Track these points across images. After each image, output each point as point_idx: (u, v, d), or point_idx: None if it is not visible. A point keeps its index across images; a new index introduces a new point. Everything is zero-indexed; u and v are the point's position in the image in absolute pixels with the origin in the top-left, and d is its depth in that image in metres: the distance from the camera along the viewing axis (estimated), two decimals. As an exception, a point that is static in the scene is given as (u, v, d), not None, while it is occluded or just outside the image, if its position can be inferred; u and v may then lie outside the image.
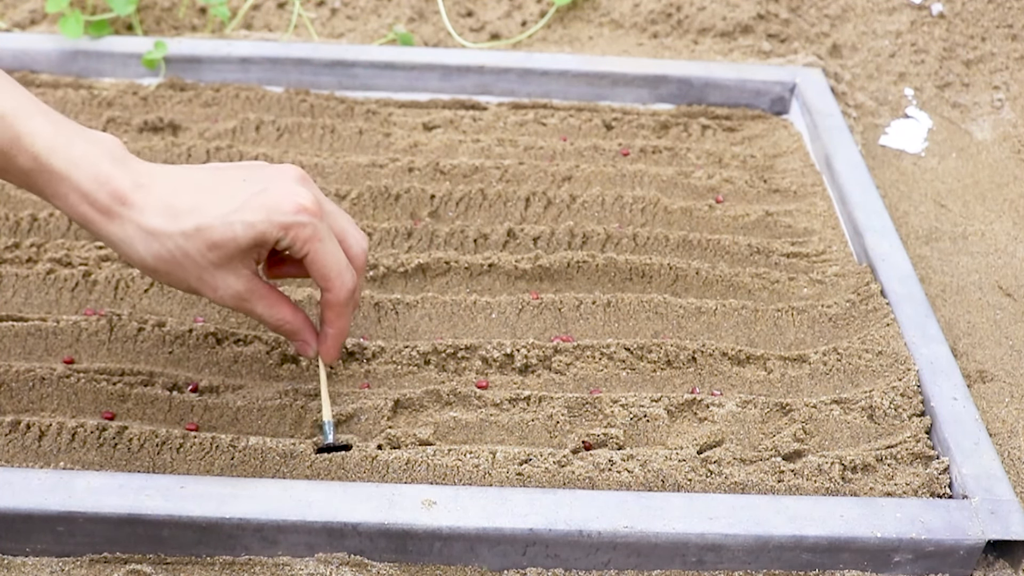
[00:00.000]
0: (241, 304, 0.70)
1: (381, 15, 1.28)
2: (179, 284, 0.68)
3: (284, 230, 0.67)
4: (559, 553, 0.71)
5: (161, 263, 0.67)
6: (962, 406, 0.80)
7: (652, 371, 0.83)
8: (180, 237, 0.66)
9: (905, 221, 1.07)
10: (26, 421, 0.74)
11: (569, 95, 1.16)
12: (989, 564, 0.73)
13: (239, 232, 0.66)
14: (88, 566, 0.70)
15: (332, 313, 0.72)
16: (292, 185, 0.69)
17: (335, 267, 0.70)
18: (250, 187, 0.68)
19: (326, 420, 0.74)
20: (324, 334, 0.73)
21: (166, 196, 0.66)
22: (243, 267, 0.68)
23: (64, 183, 0.65)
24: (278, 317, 0.72)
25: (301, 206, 0.67)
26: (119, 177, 0.66)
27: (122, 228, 0.66)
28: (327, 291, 0.71)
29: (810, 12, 1.31)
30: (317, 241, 0.68)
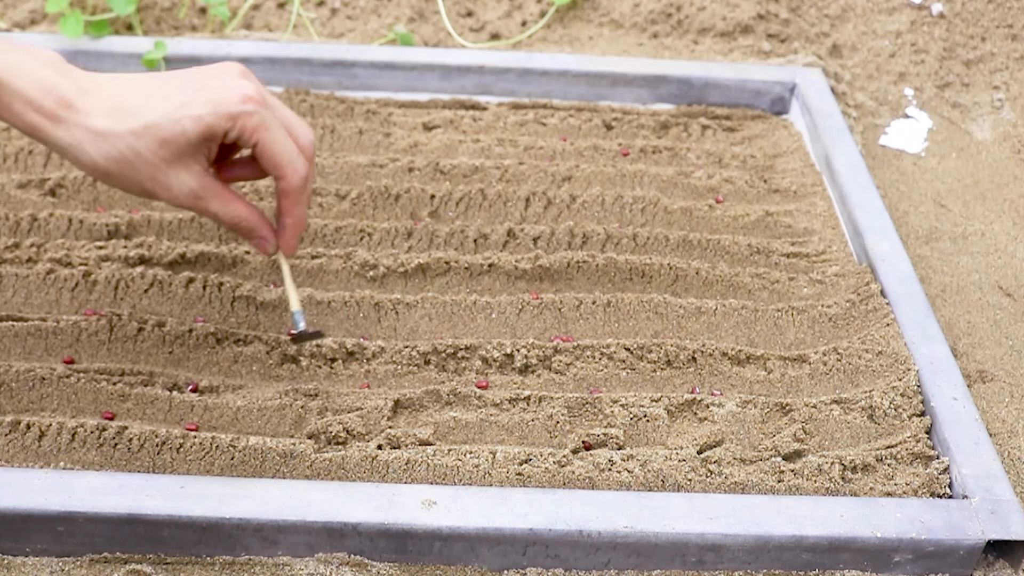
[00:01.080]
0: (196, 203, 0.70)
1: (381, 15, 1.28)
2: (132, 186, 0.69)
3: (232, 120, 0.68)
4: (559, 553, 0.71)
5: (113, 164, 0.68)
6: (962, 406, 0.80)
7: (652, 371, 0.83)
8: (130, 136, 0.67)
9: (905, 221, 1.07)
10: (26, 421, 0.74)
11: (569, 95, 1.16)
12: (989, 564, 0.73)
13: (188, 126, 0.67)
14: (88, 566, 0.70)
15: (288, 201, 0.72)
16: (235, 79, 0.70)
17: (285, 154, 0.70)
18: (193, 84, 0.69)
19: (295, 309, 0.75)
20: (283, 225, 0.74)
21: (111, 99, 0.68)
22: (195, 163, 0.69)
23: (6, 91, 0.66)
24: (233, 214, 0.72)
25: (246, 96, 0.68)
26: (63, 84, 0.67)
27: (69, 132, 0.67)
28: (281, 179, 0.71)
29: (810, 12, 1.31)
30: (265, 130, 0.69)
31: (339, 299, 0.86)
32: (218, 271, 0.89)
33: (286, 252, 0.76)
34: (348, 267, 0.90)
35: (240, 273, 0.89)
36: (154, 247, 0.89)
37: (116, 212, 0.93)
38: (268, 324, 0.85)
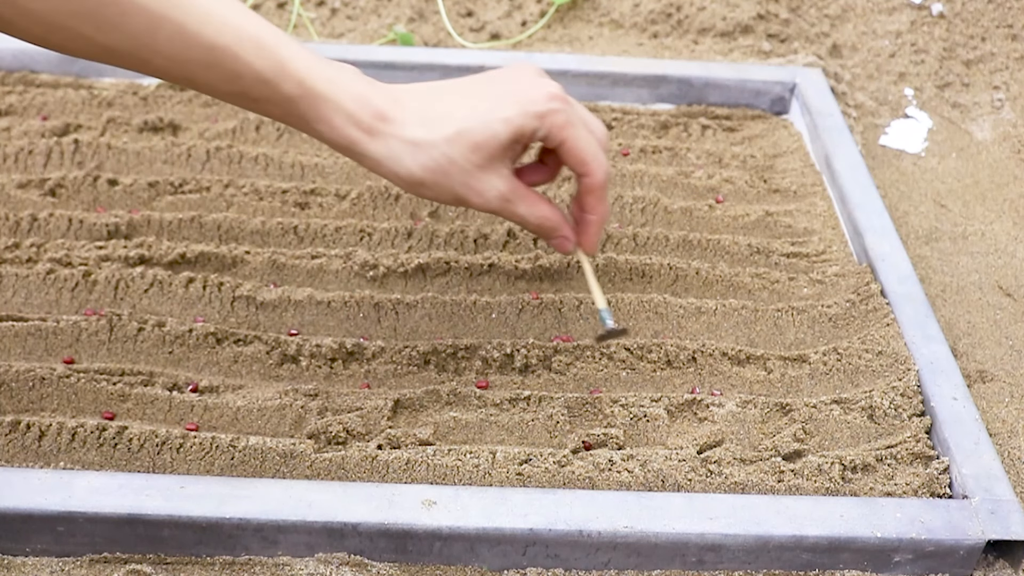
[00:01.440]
0: (505, 206, 0.70)
1: (381, 15, 1.28)
2: (444, 194, 0.69)
3: (540, 119, 0.68)
4: (559, 553, 0.71)
5: (428, 173, 0.67)
6: (962, 406, 0.80)
7: (652, 371, 0.83)
8: (444, 144, 0.67)
9: (905, 221, 1.07)
10: (26, 421, 0.74)
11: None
12: (989, 564, 0.73)
13: (499, 129, 0.67)
14: (88, 566, 0.70)
15: (593, 198, 0.72)
16: (536, 78, 0.70)
17: (590, 150, 0.70)
18: (495, 87, 0.69)
19: (601, 307, 0.75)
20: (586, 222, 0.73)
21: (422, 108, 0.68)
22: (503, 167, 0.69)
23: (328, 105, 0.66)
24: (539, 214, 0.72)
25: (551, 94, 0.69)
26: (377, 95, 0.67)
27: (386, 144, 0.67)
28: (586, 175, 0.71)
29: (810, 12, 1.31)
30: (571, 127, 0.69)
31: (339, 299, 0.86)
32: (218, 271, 0.89)
33: (588, 250, 0.75)
34: (348, 267, 0.90)
35: (240, 273, 0.89)
36: (154, 247, 0.89)
37: (116, 212, 0.93)
38: (268, 324, 0.85)
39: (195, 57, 0.63)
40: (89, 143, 1.01)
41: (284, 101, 0.66)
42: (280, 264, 0.90)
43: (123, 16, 0.61)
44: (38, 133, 1.03)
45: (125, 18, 0.61)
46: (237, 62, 0.64)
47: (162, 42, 0.62)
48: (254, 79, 0.64)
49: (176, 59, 0.63)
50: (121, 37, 0.62)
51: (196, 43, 0.63)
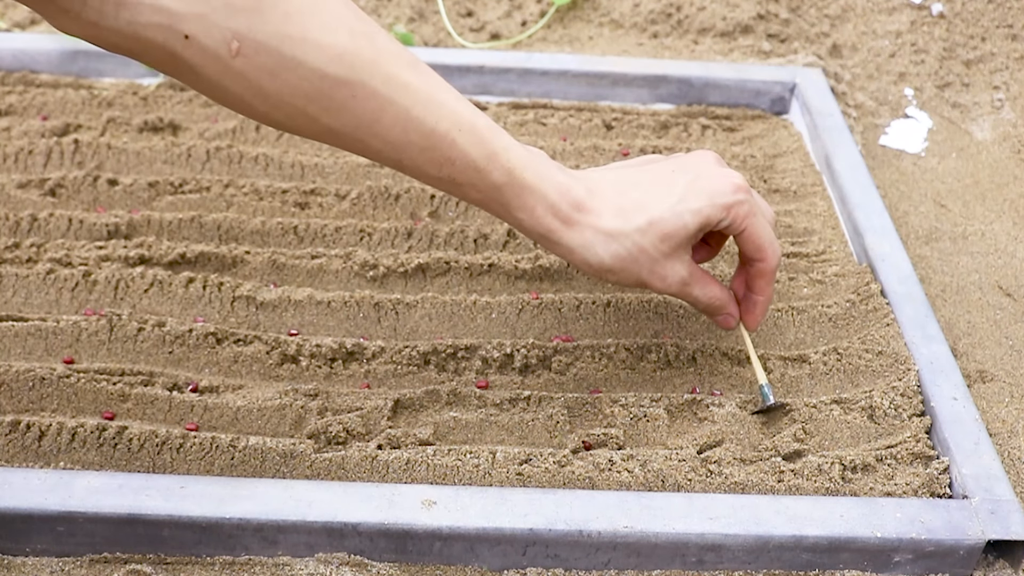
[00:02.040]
0: (684, 289, 0.73)
1: (381, 15, 1.28)
2: (629, 279, 0.72)
3: (726, 211, 0.71)
4: (559, 553, 0.71)
5: (618, 261, 0.70)
6: (962, 406, 0.80)
7: (652, 371, 0.83)
8: (636, 234, 0.70)
9: (905, 221, 1.07)
10: (26, 421, 0.74)
11: (569, 95, 1.16)
12: (989, 564, 0.73)
13: (688, 220, 0.70)
14: (88, 566, 0.70)
15: (763, 281, 0.76)
16: (719, 168, 0.73)
17: (767, 238, 0.73)
18: (683, 176, 0.72)
19: (763, 383, 0.78)
20: (753, 302, 0.77)
21: (615, 198, 0.71)
22: (685, 254, 0.73)
23: (533, 195, 0.68)
24: (711, 295, 0.75)
25: (737, 186, 0.72)
26: (575, 186, 0.70)
27: (581, 234, 0.70)
28: (760, 261, 0.74)
29: (810, 12, 1.31)
30: (752, 216, 0.72)
31: (339, 299, 0.86)
32: (218, 271, 0.89)
33: (751, 327, 0.78)
34: (348, 267, 0.90)
35: (240, 273, 0.89)
36: (154, 247, 0.89)
37: (116, 212, 0.93)
38: (268, 324, 0.85)
39: (413, 141, 0.65)
40: (89, 143, 1.01)
41: (490, 188, 0.68)
42: (280, 264, 0.90)
43: (352, 99, 0.63)
44: (38, 133, 1.03)
45: (354, 101, 0.63)
46: (453, 148, 0.66)
47: (384, 126, 0.64)
48: (465, 165, 0.66)
49: (394, 143, 0.65)
50: (347, 118, 0.64)
51: (416, 128, 0.65)
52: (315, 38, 0.61)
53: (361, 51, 0.62)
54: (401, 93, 0.64)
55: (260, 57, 0.61)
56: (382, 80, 0.63)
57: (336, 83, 0.62)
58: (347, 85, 0.62)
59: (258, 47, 0.60)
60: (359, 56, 0.62)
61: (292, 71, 0.61)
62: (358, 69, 0.62)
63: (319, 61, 0.61)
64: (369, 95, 0.63)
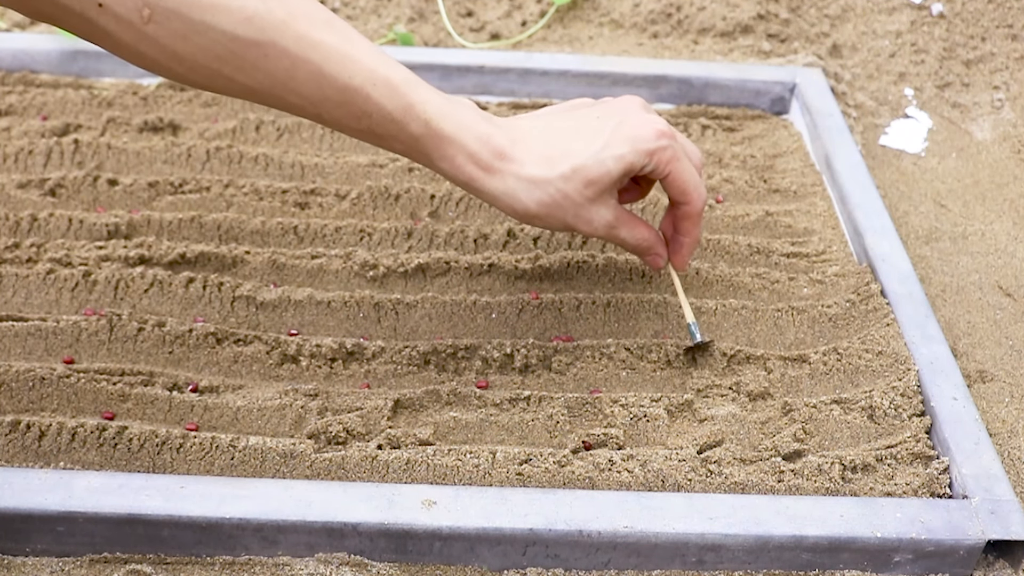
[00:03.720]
0: (610, 231, 0.75)
1: (381, 15, 1.28)
2: (555, 224, 0.74)
3: (649, 156, 0.73)
4: (559, 553, 0.71)
5: (543, 208, 0.72)
6: (962, 406, 0.80)
7: (652, 371, 0.83)
8: (559, 180, 0.71)
9: (905, 221, 1.07)
10: (26, 421, 0.74)
11: (569, 95, 1.16)
12: (989, 564, 0.73)
13: (611, 166, 0.72)
14: (88, 566, 0.70)
15: (689, 223, 0.78)
16: (644, 114, 0.74)
17: (692, 182, 0.75)
18: (607, 123, 0.73)
19: (691, 321, 0.81)
20: (680, 243, 0.80)
21: (539, 146, 0.72)
22: (611, 198, 0.74)
23: (452, 145, 0.70)
24: (639, 236, 0.77)
25: (660, 131, 0.73)
26: (497, 135, 0.71)
27: (503, 181, 0.71)
28: (686, 204, 0.76)
29: (810, 12, 1.31)
30: (676, 161, 0.74)
31: (339, 299, 0.86)
32: (218, 271, 0.89)
33: (680, 268, 0.81)
34: (348, 267, 0.90)
35: (240, 273, 0.89)
36: (154, 247, 0.89)
37: (116, 212, 0.93)
38: (268, 324, 0.85)
39: (329, 96, 0.67)
40: (89, 143, 1.01)
41: (409, 139, 0.70)
42: (280, 264, 0.90)
43: (265, 59, 0.65)
44: (38, 133, 1.03)
45: (267, 60, 0.65)
46: (368, 102, 0.68)
47: (299, 82, 0.67)
48: (382, 118, 0.68)
49: (311, 98, 0.67)
50: (261, 77, 0.66)
51: (330, 84, 0.67)
52: (223, 3, 0.63)
53: (272, 12, 0.65)
54: (313, 51, 0.66)
55: (171, 23, 0.63)
56: (293, 39, 0.65)
57: (247, 44, 0.64)
58: (258, 46, 0.65)
59: (168, 13, 0.63)
60: (269, 17, 0.64)
61: (203, 35, 0.64)
62: (268, 30, 0.65)
63: (228, 24, 0.64)
64: (281, 54, 0.65)
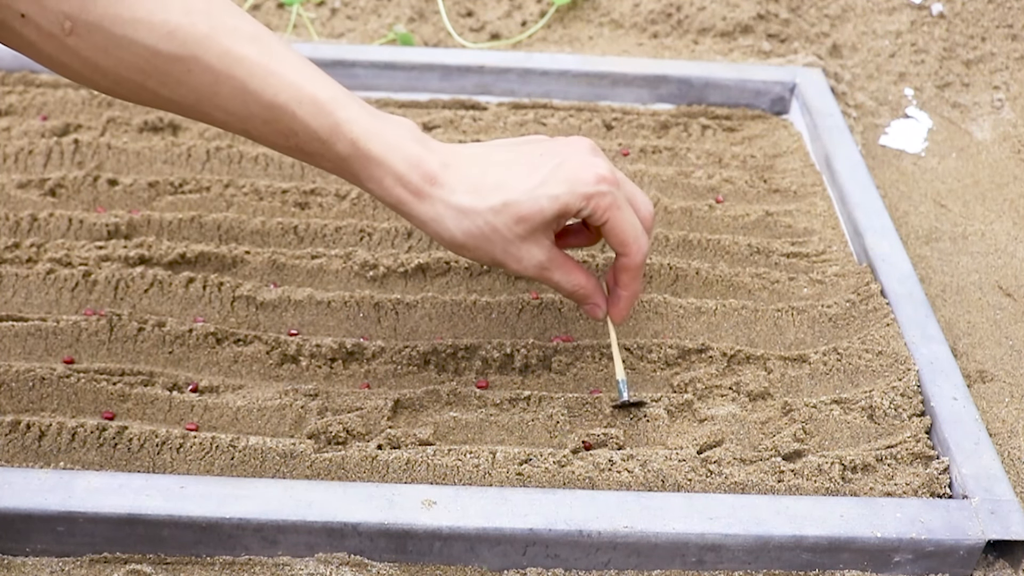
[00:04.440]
0: (542, 273, 0.73)
1: (381, 15, 1.28)
2: (483, 258, 0.71)
3: (586, 200, 0.70)
4: (559, 553, 0.71)
5: (470, 239, 0.70)
6: (962, 406, 0.80)
7: (652, 371, 0.83)
8: (489, 213, 0.69)
9: (905, 221, 1.07)
10: (26, 421, 0.74)
11: (569, 95, 1.16)
12: (989, 564, 0.73)
13: (544, 205, 0.69)
14: (88, 566, 0.70)
15: (628, 276, 0.75)
16: (588, 156, 0.72)
17: (632, 232, 0.73)
18: (549, 161, 0.71)
19: (620, 379, 0.78)
20: (617, 296, 0.76)
21: (472, 174, 0.70)
22: (544, 238, 0.72)
23: (380, 167, 0.68)
24: (574, 283, 0.74)
25: (601, 176, 0.70)
26: (429, 159, 0.69)
27: (433, 207, 0.69)
28: (624, 256, 0.74)
29: (810, 12, 1.31)
30: (616, 209, 0.71)
31: (339, 299, 0.86)
32: (218, 271, 0.89)
33: (616, 321, 0.78)
34: (348, 267, 0.90)
35: (240, 273, 0.89)
36: (154, 247, 0.89)
37: (116, 212, 0.93)
38: (268, 324, 0.85)
39: (255, 113, 0.66)
40: (89, 143, 1.01)
41: (337, 159, 0.68)
42: (280, 264, 0.90)
43: (188, 74, 0.65)
44: (38, 133, 1.03)
45: (190, 76, 0.65)
46: (294, 120, 0.66)
47: (224, 98, 0.66)
48: (309, 137, 0.67)
49: (236, 114, 0.66)
50: (185, 92, 0.65)
51: (255, 100, 0.66)
52: (145, 17, 0.63)
53: (195, 27, 0.64)
54: (237, 67, 0.65)
55: (93, 36, 0.63)
56: (217, 55, 0.64)
57: (169, 59, 0.64)
58: (180, 61, 0.64)
59: (89, 27, 0.62)
60: (192, 32, 0.64)
61: (124, 49, 0.63)
62: (191, 45, 0.64)
63: (150, 39, 0.63)
64: (204, 69, 0.64)
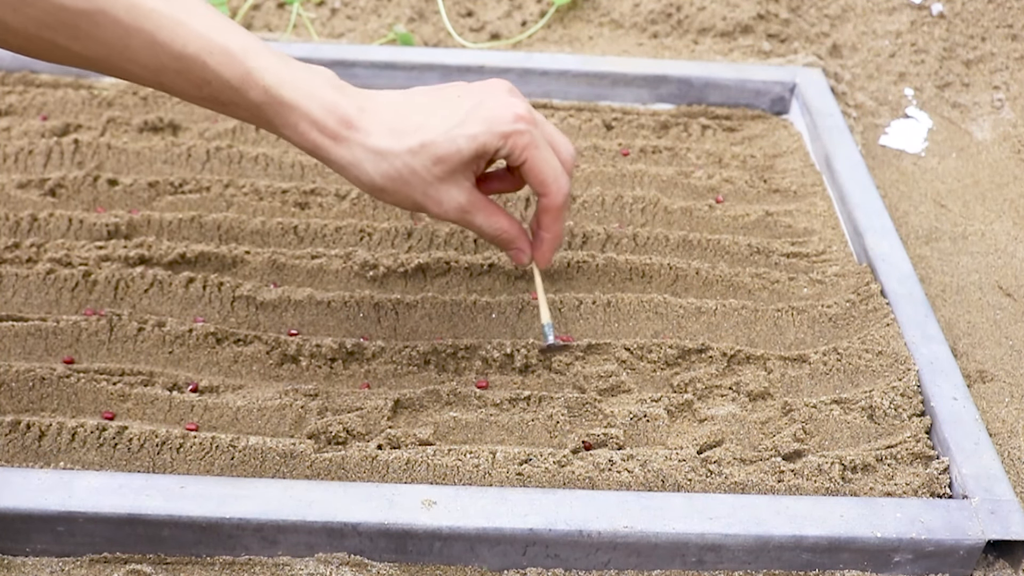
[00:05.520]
0: (463, 216, 0.72)
1: (381, 15, 1.28)
2: (403, 201, 0.71)
3: (504, 139, 0.70)
4: (559, 553, 0.71)
5: (389, 181, 0.69)
6: (962, 406, 0.80)
7: (652, 371, 0.83)
8: (407, 154, 0.69)
9: (905, 221, 1.07)
10: (26, 421, 0.74)
11: (569, 95, 1.16)
12: (989, 564, 0.73)
13: (462, 145, 0.69)
14: (88, 566, 0.70)
15: (548, 217, 0.74)
16: (506, 97, 0.71)
17: (551, 172, 0.72)
18: (466, 102, 0.71)
19: (546, 322, 0.77)
20: (540, 239, 0.75)
21: (389, 117, 0.69)
22: (464, 180, 0.71)
23: (294, 112, 0.68)
24: (496, 226, 0.74)
25: (518, 115, 0.70)
26: (344, 103, 0.69)
27: (350, 151, 0.69)
28: (544, 196, 0.73)
29: (810, 12, 1.31)
30: (534, 148, 0.71)
31: (339, 299, 0.86)
32: (218, 271, 0.89)
33: (540, 265, 0.77)
34: (348, 267, 0.90)
35: (240, 273, 0.89)
36: (154, 247, 0.89)
37: (116, 212, 0.93)
38: (268, 324, 0.85)
39: (166, 64, 0.66)
40: (89, 143, 1.01)
41: (251, 106, 0.68)
42: (280, 264, 0.90)
43: (96, 27, 0.65)
44: (38, 133, 1.03)
45: (98, 29, 0.65)
46: (205, 70, 0.67)
47: (135, 51, 0.66)
48: (221, 85, 0.67)
49: (149, 67, 0.67)
50: (96, 46, 0.66)
51: (166, 52, 0.66)
52: None
53: None
54: (145, 20, 0.65)
55: None
56: (124, 8, 0.65)
57: (77, 14, 0.64)
58: (87, 15, 0.64)
59: None
60: None
61: (32, 5, 0.63)
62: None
63: None
64: (112, 23, 0.65)
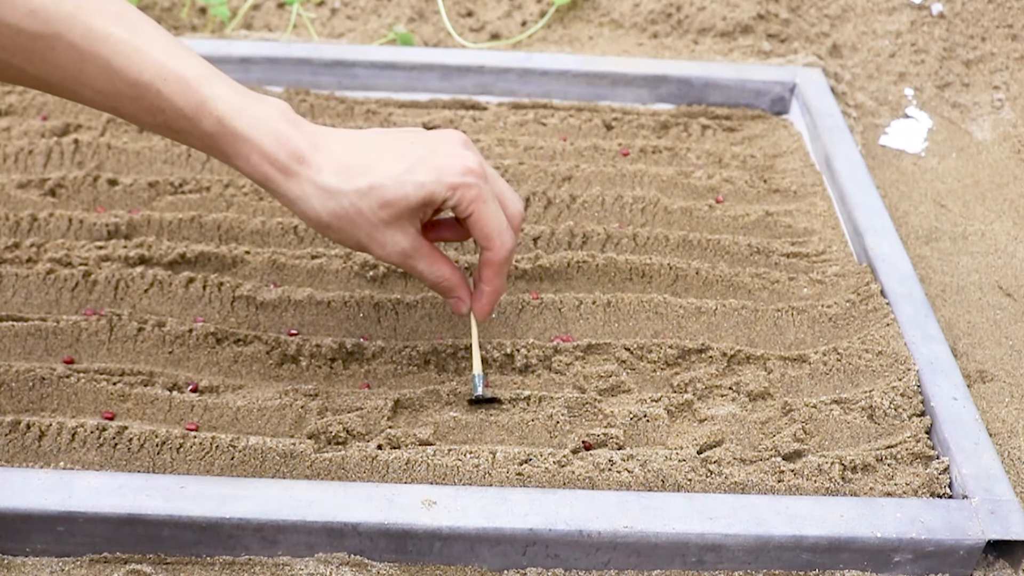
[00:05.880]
0: (405, 260, 0.73)
1: (381, 15, 1.28)
2: (348, 240, 0.72)
3: (452, 190, 0.70)
4: (559, 553, 0.71)
5: (335, 219, 0.70)
6: (962, 406, 0.80)
7: (652, 371, 0.83)
8: (355, 195, 0.69)
9: (905, 221, 1.07)
10: (26, 421, 0.74)
11: (569, 95, 1.16)
12: (989, 564, 0.73)
13: (410, 191, 0.70)
14: (88, 566, 0.70)
15: (490, 271, 0.75)
16: (459, 148, 0.72)
17: (496, 227, 0.73)
18: (419, 149, 0.71)
19: (476, 373, 0.78)
20: (480, 291, 0.76)
21: (341, 156, 0.70)
22: (410, 225, 0.72)
23: (246, 144, 0.68)
24: (438, 274, 0.75)
25: (468, 168, 0.71)
26: (297, 137, 0.69)
27: (299, 186, 0.69)
28: (488, 250, 0.74)
29: (810, 12, 1.31)
30: (481, 202, 0.71)
31: (339, 299, 0.86)
32: (218, 271, 0.89)
33: (479, 317, 0.78)
34: (348, 267, 0.90)
35: (240, 273, 0.89)
36: (154, 247, 0.89)
37: (116, 212, 0.93)
38: (268, 324, 0.85)
39: (121, 91, 0.67)
40: (89, 143, 1.01)
41: (204, 136, 0.69)
42: (280, 264, 0.90)
43: (52, 51, 0.65)
44: (38, 133, 1.03)
45: (54, 53, 0.65)
46: (159, 98, 0.67)
47: (90, 76, 0.66)
48: (175, 114, 0.67)
49: (104, 92, 0.67)
50: (51, 70, 0.66)
51: (121, 78, 0.66)
52: None
53: (60, 5, 0.64)
54: (101, 45, 0.65)
55: None
56: (81, 33, 0.65)
57: (32, 37, 0.64)
58: (43, 39, 0.64)
59: None
60: (56, 10, 0.64)
61: None
62: (54, 23, 0.64)
63: (12, 17, 0.63)
64: (68, 47, 0.65)
